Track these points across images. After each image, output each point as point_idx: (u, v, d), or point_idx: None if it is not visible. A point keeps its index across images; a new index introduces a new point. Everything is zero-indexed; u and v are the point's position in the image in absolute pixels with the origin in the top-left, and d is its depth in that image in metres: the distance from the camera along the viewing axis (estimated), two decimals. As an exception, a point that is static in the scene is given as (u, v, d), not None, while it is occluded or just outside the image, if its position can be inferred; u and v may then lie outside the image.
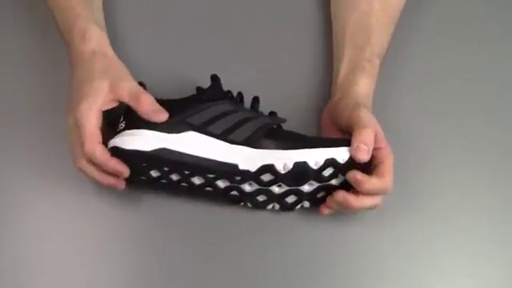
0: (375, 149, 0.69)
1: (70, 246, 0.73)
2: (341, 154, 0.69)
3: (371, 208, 0.71)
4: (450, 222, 0.77)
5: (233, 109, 0.71)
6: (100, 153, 0.67)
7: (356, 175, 0.69)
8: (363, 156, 0.68)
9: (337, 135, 0.73)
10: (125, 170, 0.69)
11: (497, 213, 0.78)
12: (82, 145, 0.67)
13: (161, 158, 0.69)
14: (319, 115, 0.79)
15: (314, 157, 0.69)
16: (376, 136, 0.69)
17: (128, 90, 0.69)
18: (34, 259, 0.73)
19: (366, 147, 0.68)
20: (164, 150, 0.69)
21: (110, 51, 0.74)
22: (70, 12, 0.75)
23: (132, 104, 0.69)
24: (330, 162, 0.70)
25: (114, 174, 0.69)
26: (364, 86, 0.75)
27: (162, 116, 0.69)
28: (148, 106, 0.69)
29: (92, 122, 0.67)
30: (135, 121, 0.70)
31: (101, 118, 0.68)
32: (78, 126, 0.68)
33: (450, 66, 0.85)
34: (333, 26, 0.83)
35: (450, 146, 0.80)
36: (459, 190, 0.78)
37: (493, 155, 0.80)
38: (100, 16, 0.78)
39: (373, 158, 0.70)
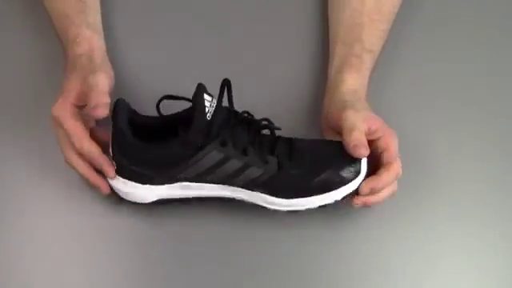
0: (376, 140, 0.71)
1: (69, 246, 0.73)
2: (339, 194, 0.70)
3: (390, 197, 0.71)
4: (449, 220, 0.75)
5: (223, 156, 0.68)
6: (87, 148, 0.68)
7: (367, 188, 0.70)
8: (362, 152, 0.69)
9: (335, 137, 0.73)
10: (111, 172, 0.69)
11: (497, 211, 0.76)
12: (71, 141, 0.68)
13: (163, 202, 0.72)
14: (319, 115, 0.78)
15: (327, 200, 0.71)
16: (370, 129, 0.70)
17: (88, 82, 0.69)
18: (33, 259, 0.72)
19: (360, 142, 0.69)
20: (163, 199, 0.72)
21: (99, 54, 0.74)
22: (65, 19, 0.77)
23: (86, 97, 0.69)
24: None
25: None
26: (351, 82, 0.75)
27: (101, 112, 0.67)
28: (92, 100, 0.68)
29: (69, 118, 0.68)
30: (122, 165, 0.71)
31: (75, 112, 0.69)
32: (58, 125, 0.69)
33: (449, 65, 0.85)
34: (328, 25, 0.85)
35: (449, 145, 0.80)
36: (458, 189, 0.77)
37: (492, 153, 0.80)
38: (95, 19, 0.79)
39: (377, 147, 0.71)
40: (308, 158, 0.70)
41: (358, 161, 0.70)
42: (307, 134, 0.77)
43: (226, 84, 0.69)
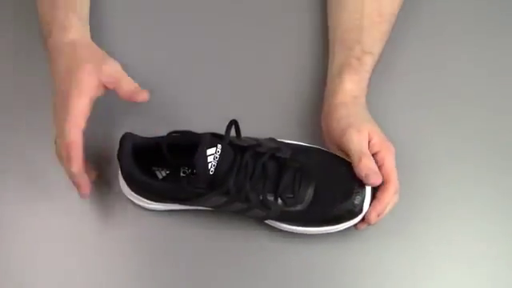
0: (374, 154, 0.70)
1: (69, 247, 0.74)
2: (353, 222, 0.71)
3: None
4: (448, 224, 0.76)
5: (225, 200, 0.68)
6: (72, 135, 0.67)
7: (374, 215, 0.70)
8: (376, 180, 0.69)
9: (336, 150, 0.73)
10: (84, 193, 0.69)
11: (497, 217, 0.76)
12: (61, 123, 0.67)
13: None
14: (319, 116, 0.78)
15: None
16: (370, 142, 0.70)
17: (108, 72, 0.70)
18: (33, 260, 0.73)
19: (371, 170, 0.69)
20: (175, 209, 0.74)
21: (90, 41, 0.74)
22: (53, 4, 0.75)
23: (112, 87, 0.70)
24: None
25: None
26: (351, 87, 0.74)
27: (142, 96, 0.70)
28: (127, 88, 0.70)
29: (80, 109, 0.67)
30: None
31: (90, 105, 0.68)
32: (62, 111, 0.68)
33: (449, 66, 0.84)
34: (328, 27, 0.83)
35: (449, 146, 0.79)
36: (458, 192, 0.77)
37: (493, 158, 0.79)
38: (84, 10, 0.78)
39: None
40: (315, 188, 0.70)
41: (363, 187, 0.70)
42: (308, 135, 0.77)
43: (233, 124, 0.67)
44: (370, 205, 0.70)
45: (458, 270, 0.74)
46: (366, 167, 0.69)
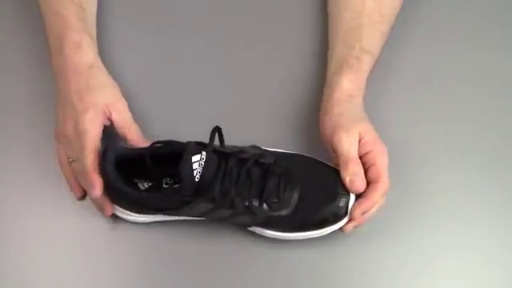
0: (365, 154, 0.71)
1: (68, 250, 0.74)
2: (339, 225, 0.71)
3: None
4: (446, 225, 0.76)
5: (211, 207, 0.68)
6: (90, 162, 0.69)
7: (358, 212, 0.70)
8: (360, 187, 0.69)
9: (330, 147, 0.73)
10: (97, 190, 0.68)
11: (496, 214, 0.77)
12: (81, 149, 0.69)
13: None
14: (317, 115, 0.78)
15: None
16: (361, 141, 0.71)
17: (123, 116, 0.73)
18: (31, 262, 0.74)
19: (356, 176, 0.69)
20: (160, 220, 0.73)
21: (103, 66, 0.76)
22: (62, 20, 0.76)
23: (121, 131, 0.73)
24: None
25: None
26: (349, 86, 0.75)
27: (146, 144, 0.72)
28: (137, 137, 0.73)
29: (95, 132, 0.70)
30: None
31: (101, 130, 0.71)
32: (78, 134, 0.70)
33: (447, 67, 0.85)
34: (328, 26, 0.84)
35: (447, 147, 0.80)
36: (456, 192, 0.78)
37: (490, 156, 0.80)
38: (93, 31, 0.79)
39: (364, 163, 0.71)
40: (300, 192, 0.70)
41: (347, 192, 0.70)
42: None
43: (216, 131, 0.67)
44: (356, 202, 0.70)
45: (454, 265, 0.75)
46: (351, 172, 0.70)
